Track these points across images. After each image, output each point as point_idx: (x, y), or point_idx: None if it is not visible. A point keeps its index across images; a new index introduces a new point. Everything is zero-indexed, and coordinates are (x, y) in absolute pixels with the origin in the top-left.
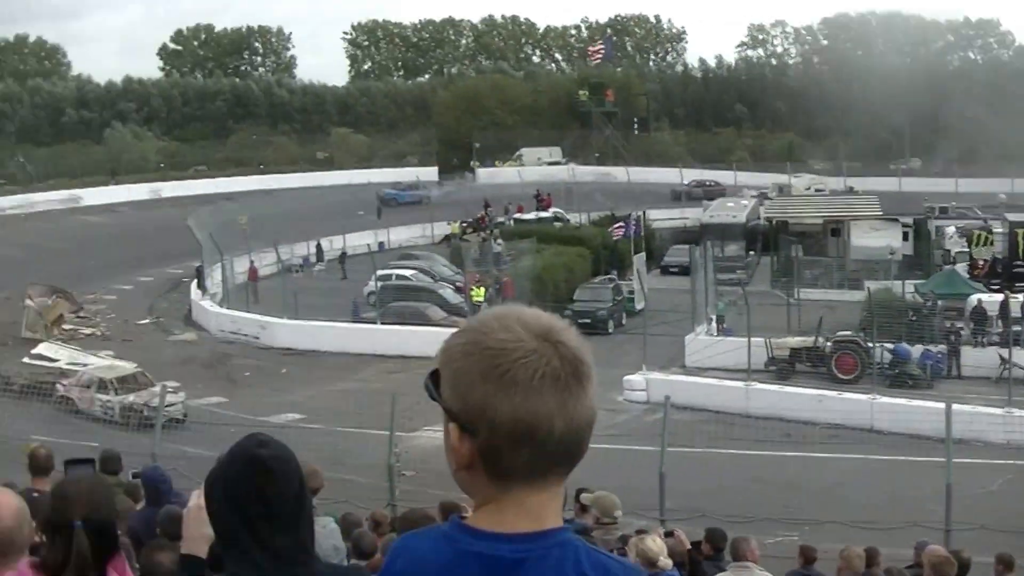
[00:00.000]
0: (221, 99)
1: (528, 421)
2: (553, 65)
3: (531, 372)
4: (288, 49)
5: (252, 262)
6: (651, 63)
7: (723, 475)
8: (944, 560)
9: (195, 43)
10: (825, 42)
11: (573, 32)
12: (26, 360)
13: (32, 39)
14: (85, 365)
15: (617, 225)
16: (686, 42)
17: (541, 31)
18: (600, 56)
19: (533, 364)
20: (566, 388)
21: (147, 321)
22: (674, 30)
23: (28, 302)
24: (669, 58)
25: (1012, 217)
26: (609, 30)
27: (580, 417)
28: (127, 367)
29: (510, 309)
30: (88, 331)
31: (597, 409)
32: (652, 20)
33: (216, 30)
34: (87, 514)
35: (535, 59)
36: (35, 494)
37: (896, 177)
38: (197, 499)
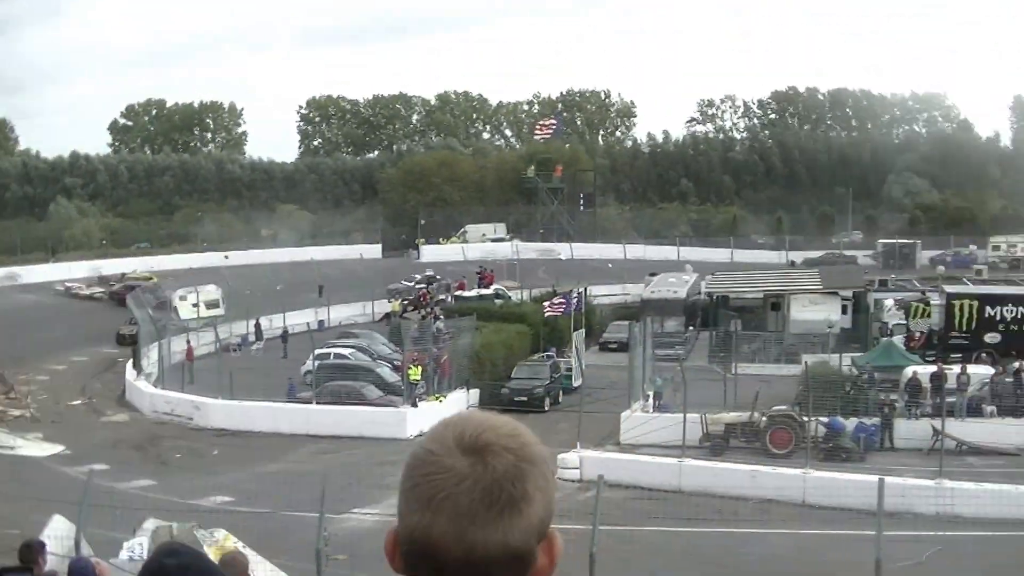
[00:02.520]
0: (169, 175)
1: (423, 541)
2: (502, 141)
3: (433, 491)
4: (239, 125)
5: (189, 341)
6: (600, 138)
7: (655, 553)
8: None
9: (146, 118)
10: (773, 116)
11: (525, 108)
12: None
13: None
14: (12, 448)
15: (556, 300)
16: (636, 117)
17: (493, 107)
18: (550, 132)
19: (439, 483)
20: (469, 515)
21: (79, 402)
22: (624, 105)
23: None
24: (618, 133)
25: (949, 289)
26: (560, 105)
27: (486, 550)
28: None
29: (464, 417)
30: (17, 413)
31: (525, 548)
32: (603, 95)
33: (168, 105)
34: None
35: (485, 135)
36: None
37: (838, 251)
38: None
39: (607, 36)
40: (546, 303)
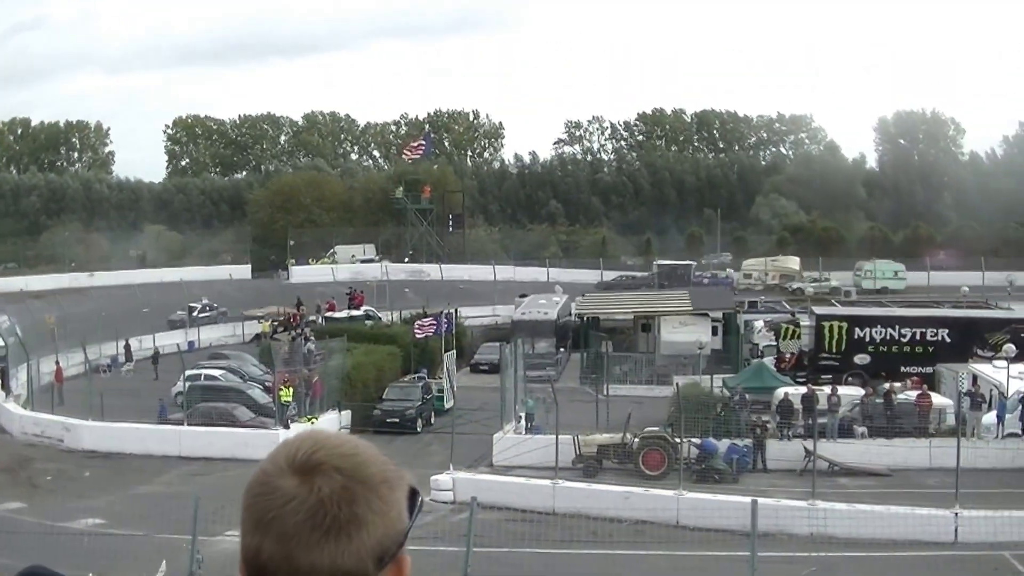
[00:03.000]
0: (36, 194)
1: (255, 562)
2: (370, 161)
3: (262, 512)
4: (106, 144)
5: (58, 363)
6: (468, 159)
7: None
8: None
9: (11, 137)
10: (640, 137)
11: (392, 128)
12: None
13: None
14: None
15: (426, 321)
16: (503, 138)
17: (360, 127)
18: (420, 152)
19: (267, 503)
20: (294, 538)
21: None
22: (492, 126)
23: None
24: (486, 154)
25: (819, 310)
26: (428, 126)
27: (313, 572)
28: None
29: (303, 436)
30: None
31: (351, 568)
32: (471, 116)
33: (33, 124)
34: None
35: (353, 156)
36: None
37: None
38: None
39: (473, 57)
40: (416, 324)
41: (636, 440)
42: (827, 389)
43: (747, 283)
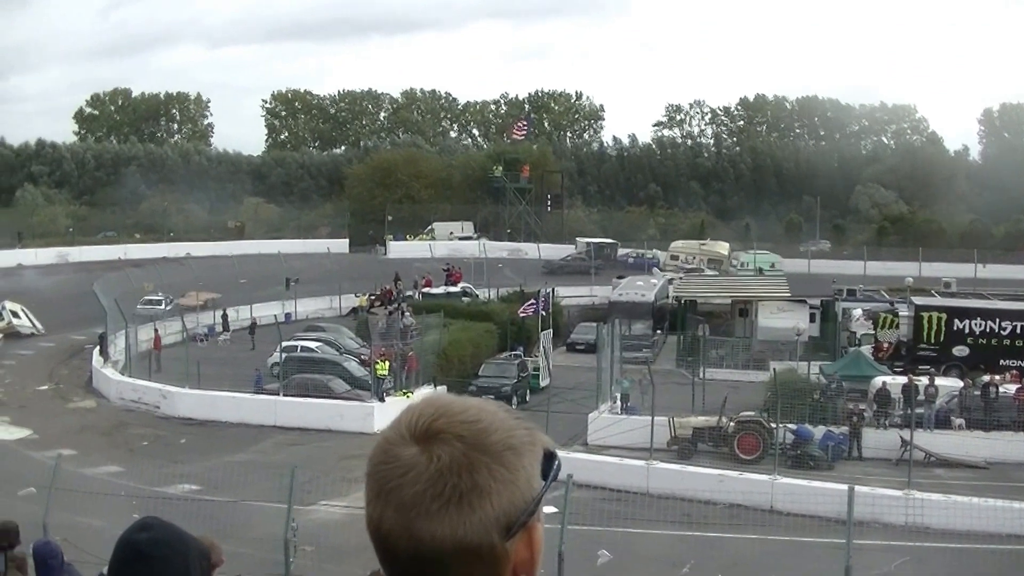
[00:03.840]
0: (135, 165)
1: (375, 534)
2: (469, 140)
3: (383, 481)
4: (206, 116)
5: (156, 330)
6: (568, 140)
7: (622, 554)
8: None
9: (112, 108)
10: (741, 123)
11: (492, 107)
12: None
13: None
14: None
15: (527, 304)
16: (603, 119)
17: (461, 106)
18: (523, 132)
19: (389, 472)
20: (416, 506)
21: (46, 387)
22: (593, 107)
23: None
24: (586, 135)
25: (918, 300)
26: (528, 106)
27: (435, 544)
28: None
29: (426, 402)
30: None
31: (483, 541)
32: (572, 97)
33: (134, 95)
34: None
35: (452, 134)
36: None
37: (806, 259)
38: None
39: (576, 39)
40: (521, 308)
41: (732, 424)
42: (925, 380)
43: (674, 264)
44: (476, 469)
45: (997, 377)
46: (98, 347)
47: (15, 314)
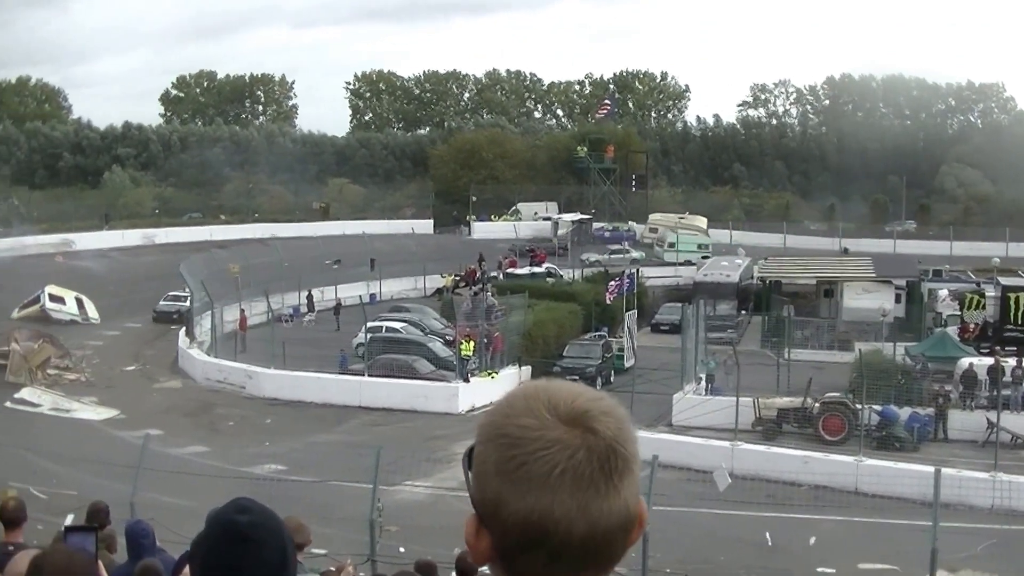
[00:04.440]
0: (220, 146)
1: (540, 524)
2: (553, 120)
3: (548, 467)
4: (290, 98)
5: (242, 311)
6: (652, 120)
7: (706, 535)
8: None
9: (197, 90)
10: (827, 102)
11: (576, 88)
12: (8, 404)
13: (33, 82)
14: (68, 411)
15: (613, 284)
16: (688, 99)
17: (545, 86)
18: (605, 112)
19: (552, 458)
20: (591, 486)
21: (133, 368)
22: (677, 87)
23: (13, 345)
24: (670, 115)
25: (1004, 281)
26: (612, 86)
27: (608, 519)
28: None
29: (541, 387)
30: (72, 376)
31: (637, 508)
32: (657, 77)
33: (219, 77)
34: None
35: (536, 114)
36: (10, 548)
37: (891, 239)
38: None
39: (661, 18)
40: (607, 290)
41: (816, 405)
42: (1012, 361)
43: (652, 237)
44: (629, 439)
45: None
46: (184, 328)
47: (57, 298)
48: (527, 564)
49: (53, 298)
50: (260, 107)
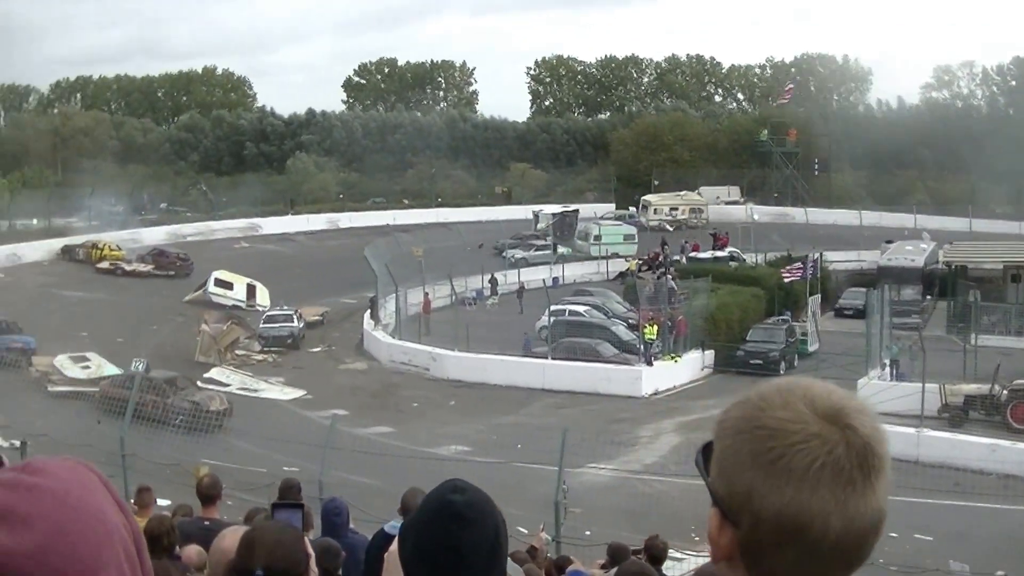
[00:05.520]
0: (401, 132)
1: (797, 518)
2: (734, 104)
3: (808, 461)
4: (470, 84)
5: (426, 294)
6: (834, 103)
7: (890, 523)
8: None
9: (378, 77)
10: (1014, 83)
11: (757, 71)
12: (199, 384)
13: (220, 71)
14: (256, 391)
15: (794, 266)
16: (871, 82)
17: (724, 70)
18: (789, 96)
19: (812, 451)
20: (849, 483)
21: (319, 349)
22: (860, 69)
23: (203, 327)
24: (851, 98)
25: None
26: (794, 69)
27: (863, 518)
28: None
29: (797, 383)
30: (260, 358)
31: (886, 509)
32: (839, 59)
33: (399, 64)
34: (269, 563)
35: (716, 98)
36: (205, 523)
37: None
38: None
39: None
40: (784, 269)
41: (1005, 392)
42: None
43: (658, 219)
44: (879, 442)
45: None
46: (369, 310)
47: (224, 283)
48: (776, 560)
49: (219, 283)
50: (441, 93)
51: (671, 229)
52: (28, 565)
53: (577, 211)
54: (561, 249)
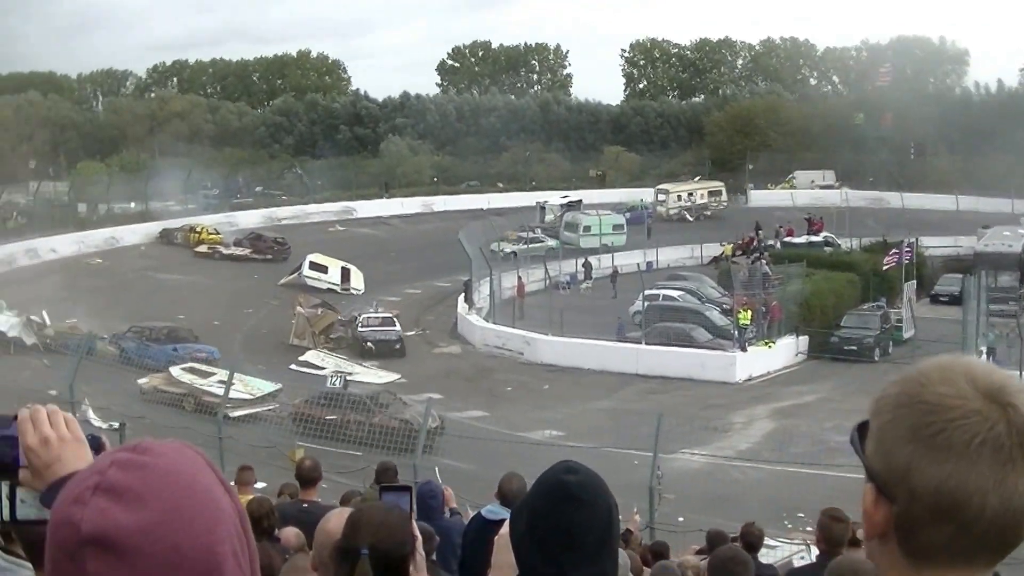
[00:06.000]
0: (495, 115)
1: (955, 494)
2: (829, 87)
3: (969, 436)
4: (564, 67)
5: (520, 278)
6: (931, 86)
7: None
8: None
9: (472, 60)
10: None
11: (852, 54)
12: (293, 367)
13: (314, 55)
14: (350, 374)
15: (891, 253)
16: (968, 64)
17: (819, 53)
18: (887, 80)
19: (973, 427)
20: (1009, 460)
21: (413, 333)
22: (957, 51)
23: (299, 310)
24: (948, 81)
25: None
26: (890, 52)
27: (1021, 497)
28: None
29: (957, 360)
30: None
31: None
32: (935, 41)
33: (493, 47)
34: (374, 543)
35: (811, 81)
36: (304, 505)
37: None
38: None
39: None
40: (885, 258)
41: None
42: None
43: (677, 206)
44: None
45: None
46: (463, 294)
47: (319, 267)
48: (931, 536)
49: (313, 266)
50: (535, 76)
51: (691, 219)
52: (145, 542)
53: (580, 201)
54: (550, 242)
